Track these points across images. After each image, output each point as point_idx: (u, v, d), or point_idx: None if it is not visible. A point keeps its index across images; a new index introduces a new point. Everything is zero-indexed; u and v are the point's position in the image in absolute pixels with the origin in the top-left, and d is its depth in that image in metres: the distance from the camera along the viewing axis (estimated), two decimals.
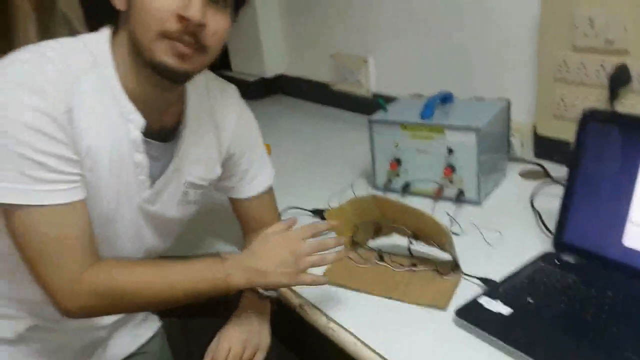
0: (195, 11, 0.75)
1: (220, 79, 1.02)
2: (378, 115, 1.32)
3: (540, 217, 1.13)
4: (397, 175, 1.30)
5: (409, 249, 1.04)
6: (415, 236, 1.02)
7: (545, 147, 1.39)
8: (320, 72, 2.04)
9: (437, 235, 0.97)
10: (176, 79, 0.82)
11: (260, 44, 2.15)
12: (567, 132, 1.32)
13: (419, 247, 1.04)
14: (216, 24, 0.79)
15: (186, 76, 0.82)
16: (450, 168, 1.22)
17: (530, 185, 1.29)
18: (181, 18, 0.75)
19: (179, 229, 1.01)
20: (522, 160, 1.41)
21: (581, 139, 0.97)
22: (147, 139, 0.85)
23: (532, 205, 1.19)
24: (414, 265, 1.02)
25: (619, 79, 1.17)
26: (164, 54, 0.77)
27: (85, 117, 0.78)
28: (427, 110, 1.26)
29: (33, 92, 0.73)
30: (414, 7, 1.64)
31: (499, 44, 1.44)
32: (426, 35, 1.63)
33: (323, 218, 1.20)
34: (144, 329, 1.08)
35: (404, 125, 1.26)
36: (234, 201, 1.08)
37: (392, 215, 1.02)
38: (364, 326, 0.89)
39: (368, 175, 1.38)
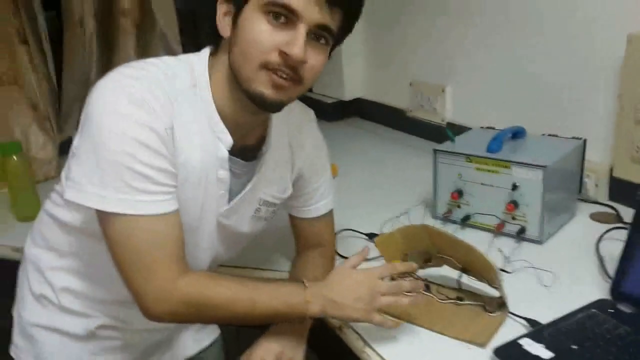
0: (298, 50, 0.77)
1: (301, 102, 1.05)
2: (444, 146, 1.31)
3: (602, 262, 1.08)
4: (458, 206, 1.29)
5: (458, 282, 1.03)
6: (465, 270, 1.01)
7: (621, 190, 1.33)
8: (398, 98, 2.06)
9: (486, 271, 0.96)
10: (270, 108, 0.85)
11: (340, 68, 2.19)
12: None
13: (468, 281, 1.02)
14: (315, 60, 0.81)
15: (280, 106, 0.85)
16: (514, 204, 1.19)
17: (600, 228, 1.23)
18: (283, 53, 0.78)
19: (246, 243, 1.05)
20: (595, 202, 1.35)
21: None
22: (232, 157, 0.89)
23: (597, 249, 1.14)
24: (460, 298, 1.00)
25: None
26: (262, 85, 0.80)
27: (183, 134, 0.82)
28: (494, 144, 1.24)
29: (141, 107, 0.77)
30: (495, 39, 1.62)
31: (579, 83, 1.40)
32: (506, 68, 1.61)
33: None
34: (205, 335, 1.14)
35: (469, 158, 1.25)
36: (295, 219, 1.11)
37: (443, 247, 1.01)
38: (400, 355, 0.89)
39: (429, 203, 1.37)
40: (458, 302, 1.00)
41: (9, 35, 1.80)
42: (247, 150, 0.93)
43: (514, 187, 1.19)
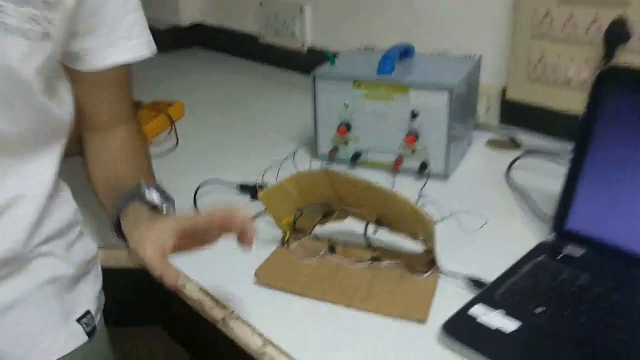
0: None
1: None
2: (324, 69, 1.05)
3: (526, 197, 0.92)
4: (346, 143, 1.05)
5: (367, 238, 0.80)
6: (379, 222, 0.78)
7: (513, 113, 1.19)
8: (247, 21, 1.74)
9: (415, 224, 0.73)
10: None
11: None
12: (543, 97, 1.13)
13: (379, 236, 0.80)
14: None
15: None
16: (414, 135, 0.99)
17: (500, 157, 1.09)
18: None
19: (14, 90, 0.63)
20: (488, 128, 1.20)
21: (594, 105, 0.75)
22: None
23: (509, 182, 0.99)
24: (378, 259, 0.77)
25: (616, 35, 0.98)
26: None
27: None
28: (387, 64, 1.01)
29: None
30: None
31: None
32: None
33: (255, 196, 0.93)
34: None
35: (358, 83, 1.00)
36: (81, 78, 0.75)
37: (350, 196, 0.77)
38: (314, 348, 0.64)
39: (309, 142, 1.12)
40: (375, 264, 0.77)
41: None
42: None
43: (414, 115, 0.98)
